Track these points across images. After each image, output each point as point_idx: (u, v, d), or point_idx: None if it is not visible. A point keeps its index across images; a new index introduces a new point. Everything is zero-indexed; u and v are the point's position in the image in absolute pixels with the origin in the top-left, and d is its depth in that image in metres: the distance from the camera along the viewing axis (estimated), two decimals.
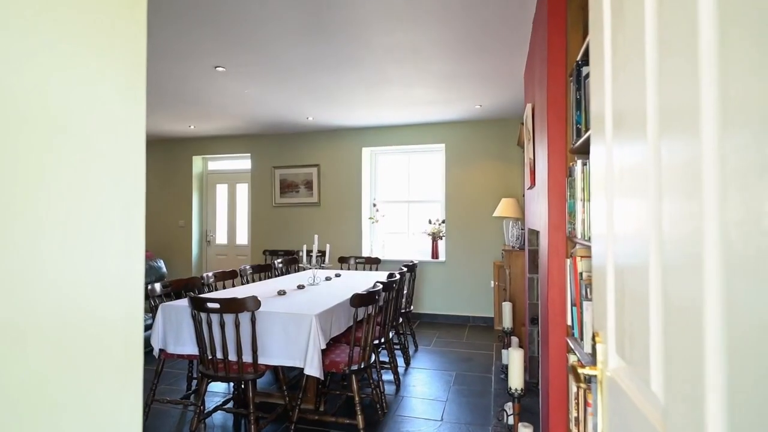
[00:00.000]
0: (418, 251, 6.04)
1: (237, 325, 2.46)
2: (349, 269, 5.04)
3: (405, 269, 3.88)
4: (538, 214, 2.58)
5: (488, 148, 5.57)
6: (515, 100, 4.64)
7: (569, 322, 1.94)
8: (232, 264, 6.81)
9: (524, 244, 4.27)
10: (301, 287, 3.48)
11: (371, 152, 6.22)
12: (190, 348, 2.73)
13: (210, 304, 2.45)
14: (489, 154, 5.57)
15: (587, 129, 1.68)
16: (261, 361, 2.57)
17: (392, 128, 5.90)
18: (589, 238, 1.57)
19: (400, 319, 3.96)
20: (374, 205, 6.13)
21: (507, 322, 3.72)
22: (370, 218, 6.12)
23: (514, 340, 3.70)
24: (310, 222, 6.26)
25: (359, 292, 3.25)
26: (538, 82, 2.56)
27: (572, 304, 1.82)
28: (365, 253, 6.04)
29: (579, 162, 1.74)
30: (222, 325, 2.47)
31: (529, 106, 2.94)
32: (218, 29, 2.93)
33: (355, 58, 3.46)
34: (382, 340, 3.21)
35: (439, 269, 5.73)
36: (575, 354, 1.88)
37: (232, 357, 2.59)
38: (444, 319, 5.70)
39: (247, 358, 2.55)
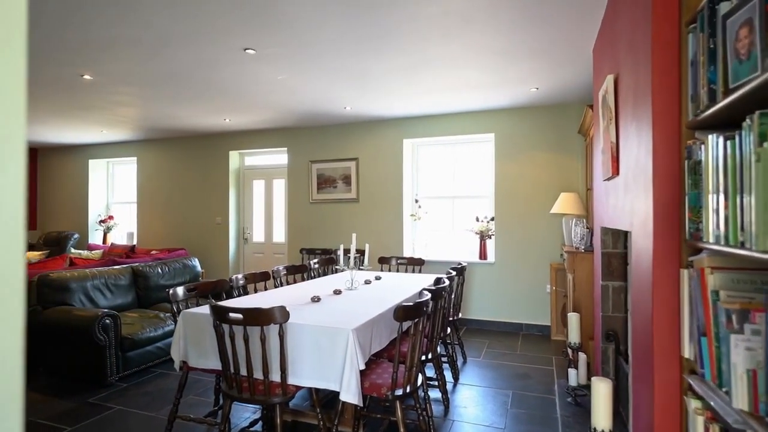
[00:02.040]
0: (464, 251, 5.57)
1: (263, 340, 2.11)
2: (389, 271, 4.65)
3: (453, 272, 3.44)
4: (628, 210, 2.08)
5: (544, 137, 5.00)
6: (579, 80, 4.07)
7: (688, 355, 1.45)
8: (268, 263, 6.59)
9: (591, 245, 3.72)
10: (337, 292, 3.12)
11: (413, 144, 5.79)
12: (214, 362, 2.42)
13: (232, 315, 2.12)
14: (545, 144, 5.00)
15: (727, 90, 1.19)
16: (291, 381, 2.22)
17: (435, 117, 5.45)
18: (740, 243, 1.08)
19: (448, 330, 3.53)
20: (416, 201, 5.71)
21: (574, 336, 3.20)
22: (412, 215, 5.70)
23: (582, 357, 3.19)
24: (347, 219, 5.92)
25: (404, 302, 2.85)
26: (629, 47, 2.05)
27: (700, 334, 1.33)
28: (407, 253, 5.64)
29: (712, 139, 1.25)
30: (246, 339, 2.14)
31: (609, 79, 2.42)
32: (244, 6, 2.60)
33: (396, 34, 3.05)
34: (430, 356, 2.80)
35: (488, 271, 5.23)
36: (701, 400, 1.39)
37: (258, 375, 2.25)
38: (494, 326, 5.20)
39: (275, 377, 2.21)
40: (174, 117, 5.55)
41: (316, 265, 4.40)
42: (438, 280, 3.11)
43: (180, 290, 2.71)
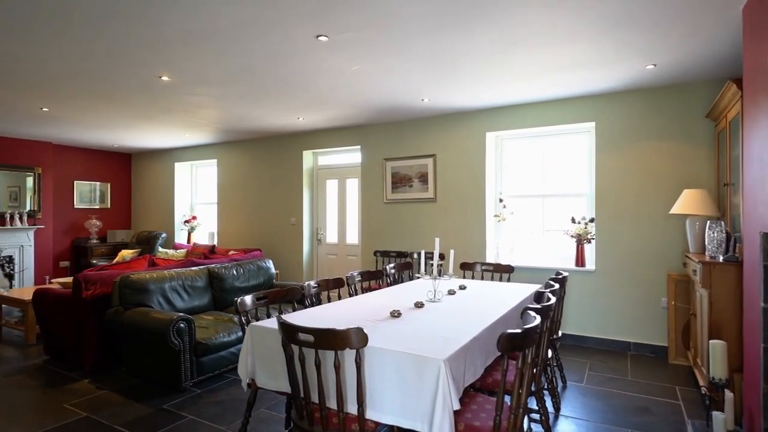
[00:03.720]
0: (557, 256, 4.93)
1: (337, 367, 1.78)
2: (473, 278, 4.17)
3: (555, 284, 2.90)
4: None
5: (660, 123, 4.23)
6: (714, 50, 3.31)
7: None
8: (342, 265, 6.39)
9: (734, 253, 2.98)
10: (419, 305, 2.72)
11: (497, 137, 5.25)
12: (284, 384, 2.14)
13: (302, 336, 1.81)
14: (660, 133, 4.23)
15: None
16: (369, 415, 1.86)
17: (523, 107, 4.86)
18: None
19: (549, 352, 3.00)
20: (500, 201, 5.16)
21: (718, 370, 2.53)
22: (496, 216, 5.16)
23: (729, 397, 2.51)
24: (424, 220, 5.51)
25: (499, 319, 2.40)
26: None
27: None
28: (489, 257, 5.11)
29: None
30: (318, 364, 1.82)
31: None
32: None
33: (489, 3, 2.59)
34: (533, 387, 2.31)
35: (587, 280, 4.56)
36: None
37: (332, 405, 1.93)
38: (593, 344, 4.52)
39: (351, 408, 1.87)
40: (250, 117, 5.51)
41: (393, 271, 4.06)
42: (540, 295, 2.60)
43: (248, 299, 2.48)
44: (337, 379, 1.79)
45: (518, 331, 1.73)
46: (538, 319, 1.89)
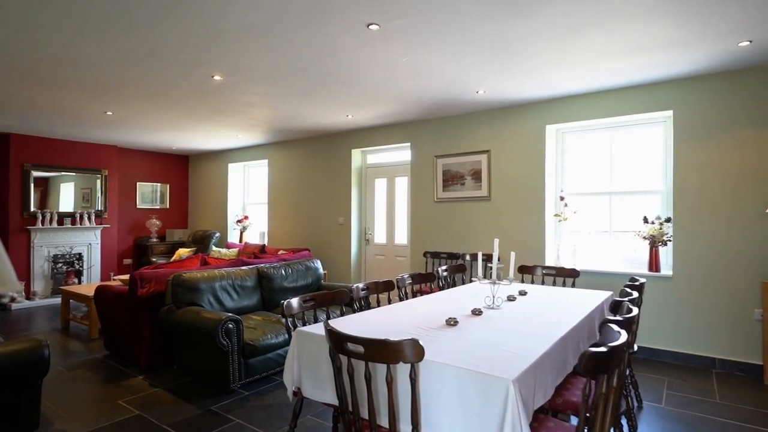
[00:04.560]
0: (626, 260, 4.48)
1: (389, 382, 1.59)
2: (533, 282, 3.85)
3: (633, 292, 2.56)
4: None
5: (753, 110, 3.71)
6: None
7: None
8: (390, 265, 6.22)
9: None
10: (477, 313, 2.49)
11: (557, 131, 4.87)
12: (332, 395, 1.99)
13: (351, 345, 1.64)
14: (755, 120, 3.71)
15: None
16: None
17: (589, 96, 4.46)
18: None
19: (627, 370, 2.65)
20: (561, 199, 4.78)
21: None
22: (556, 215, 4.78)
23: None
24: (477, 220, 5.22)
25: (571, 330, 2.13)
26: None
27: None
28: (549, 260, 4.74)
29: None
30: (368, 378, 1.64)
31: None
32: None
33: None
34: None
35: (662, 287, 4.09)
36: None
37: (384, 422, 1.74)
38: (670, 358, 4.05)
39: (404, 428, 1.68)
40: (299, 116, 5.47)
41: (445, 273, 3.83)
42: (617, 305, 2.29)
43: (295, 302, 2.35)
44: (389, 395, 1.61)
45: (603, 349, 1.46)
46: (624, 336, 1.61)
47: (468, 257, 5.08)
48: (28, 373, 2.54)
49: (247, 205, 8.37)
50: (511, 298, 2.92)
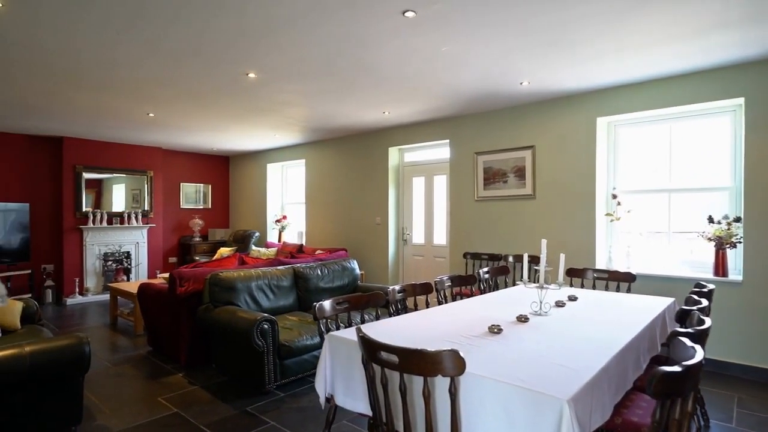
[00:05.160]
0: (687, 263, 4.10)
1: (426, 397, 1.45)
2: (582, 287, 3.58)
3: (703, 300, 2.28)
4: None
5: None
6: None
7: None
8: (428, 266, 6.05)
9: None
10: (522, 319, 2.29)
11: (609, 123, 4.54)
12: (364, 405, 1.87)
13: (385, 355, 1.51)
14: None
15: None
16: None
17: (645, 85, 4.12)
18: None
19: None
20: (614, 197, 4.44)
21: None
22: (608, 215, 4.45)
23: None
24: (521, 219, 4.96)
25: (631, 342, 1.91)
26: None
27: None
28: (600, 263, 4.42)
29: None
30: (403, 390, 1.50)
31: None
32: None
33: None
34: None
35: (731, 293, 3.70)
36: None
37: None
38: (739, 372, 3.66)
39: None
40: (335, 114, 5.41)
41: (487, 275, 3.63)
42: (685, 314, 2.04)
43: (327, 304, 2.25)
44: (426, 410, 1.46)
45: (677, 369, 1.25)
46: (699, 353, 1.39)
47: (511, 259, 4.83)
48: (70, 369, 2.58)
49: (286, 205, 8.44)
50: (560, 304, 2.69)
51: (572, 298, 2.89)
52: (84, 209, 6.97)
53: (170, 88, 4.29)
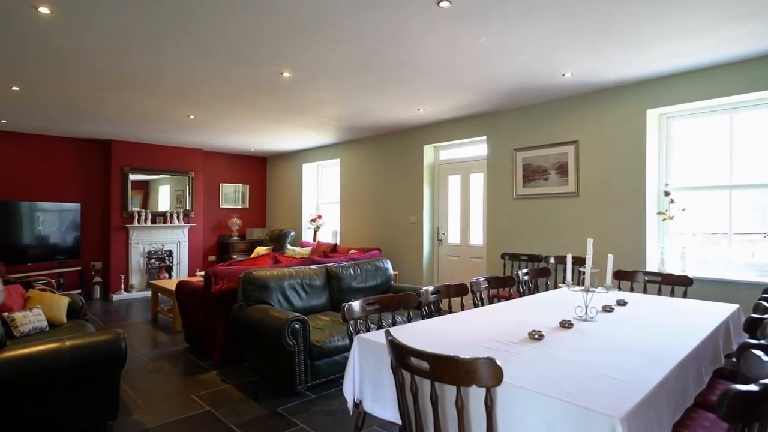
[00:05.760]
0: (751, 267, 3.74)
1: (459, 408, 1.33)
2: (632, 290, 3.33)
3: None
4: None
5: None
6: None
7: None
8: (464, 267, 5.87)
9: None
10: (566, 325, 2.12)
11: (661, 116, 4.22)
12: (393, 411, 1.76)
13: (415, 361, 1.40)
14: None
15: None
16: None
17: (702, 72, 3.79)
18: None
19: None
20: (666, 194, 4.12)
21: None
22: (660, 213, 4.14)
23: None
24: (563, 218, 4.71)
25: (692, 353, 1.71)
26: None
27: None
28: (651, 265, 4.11)
29: None
30: (434, 400, 1.39)
31: None
32: None
33: None
34: None
35: None
36: None
37: None
38: None
39: None
40: (369, 112, 5.34)
41: (526, 277, 3.44)
42: (755, 323, 1.81)
43: (357, 305, 2.16)
44: (459, 423, 1.34)
45: (754, 388, 1.07)
46: None
47: (553, 260, 4.59)
48: (107, 364, 2.62)
49: (321, 205, 8.47)
50: (607, 309, 2.49)
51: (621, 303, 2.67)
52: (130, 209, 7.25)
53: (208, 89, 4.35)
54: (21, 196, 6.50)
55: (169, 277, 7.47)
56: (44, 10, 2.64)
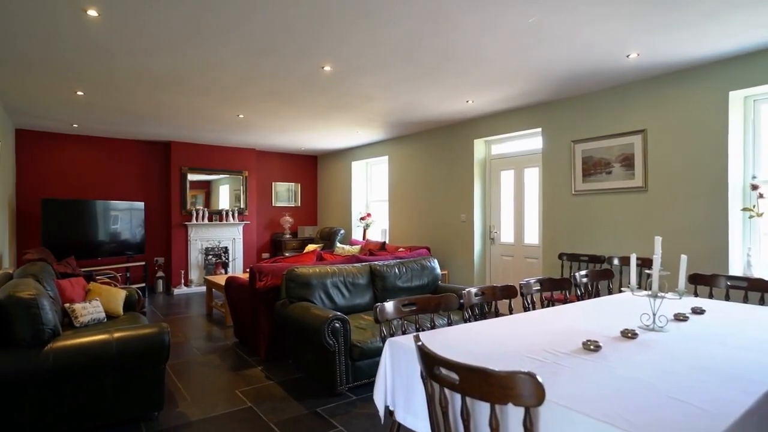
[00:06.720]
0: None
1: (494, 428, 1.15)
2: (711, 297, 2.92)
3: None
4: None
5: None
6: None
7: None
8: (518, 268, 5.55)
9: None
10: (629, 335, 1.85)
11: (746, 98, 3.71)
12: (425, 424, 1.61)
13: (444, 371, 1.24)
14: None
15: None
16: None
17: None
18: None
19: None
20: (754, 188, 3.61)
21: None
22: (746, 209, 3.64)
23: None
24: (629, 215, 4.28)
25: None
26: None
27: None
28: (734, 268, 3.62)
29: None
30: (464, 416, 1.22)
31: None
32: None
33: None
34: None
35: None
36: None
37: None
38: None
39: None
40: (416, 106, 5.18)
41: (584, 280, 3.13)
42: None
43: (390, 306, 2.02)
44: None
45: None
46: None
47: (616, 261, 4.20)
48: (151, 357, 2.68)
49: (370, 203, 8.41)
50: (680, 318, 2.17)
51: (698, 311, 2.33)
52: (188, 207, 7.60)
53: (252, 87, 4.40)
54: (91, 195, 6.99)
55: (225, 273, 7.74)
56: (92, 12, 2.74)
